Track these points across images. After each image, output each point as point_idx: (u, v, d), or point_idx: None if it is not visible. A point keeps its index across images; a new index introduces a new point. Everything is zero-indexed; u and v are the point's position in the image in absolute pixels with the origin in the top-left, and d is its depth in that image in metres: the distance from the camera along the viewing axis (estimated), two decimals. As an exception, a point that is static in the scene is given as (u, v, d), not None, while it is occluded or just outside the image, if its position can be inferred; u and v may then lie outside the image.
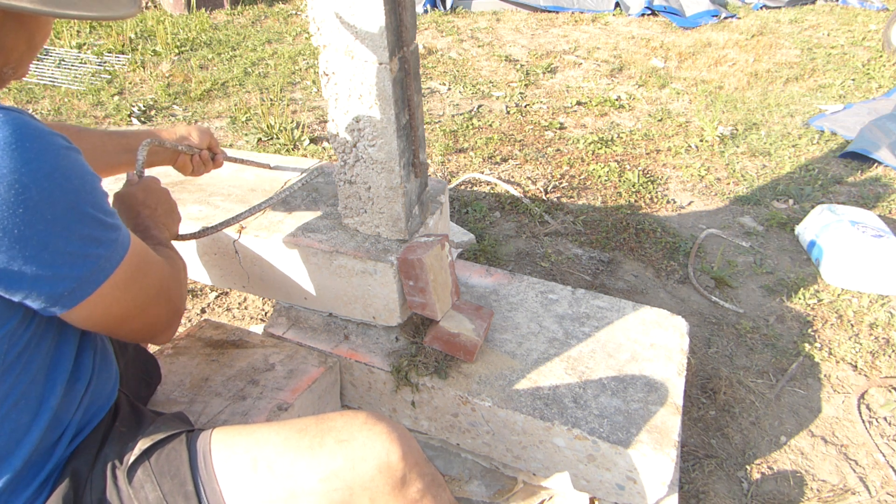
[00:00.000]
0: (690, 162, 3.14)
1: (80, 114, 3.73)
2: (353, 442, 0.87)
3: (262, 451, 0.89)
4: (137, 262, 0.84)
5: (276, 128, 3.39)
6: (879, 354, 1.94)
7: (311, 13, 1.21)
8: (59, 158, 0.71)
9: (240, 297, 2.23)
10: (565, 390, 1.38)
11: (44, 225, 0.69)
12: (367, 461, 0.86)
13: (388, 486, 0.87)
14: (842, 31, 5.28)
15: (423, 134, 1.41)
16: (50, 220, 0.69)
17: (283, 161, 1.85)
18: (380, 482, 0.86)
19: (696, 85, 4.16)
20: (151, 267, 0.88)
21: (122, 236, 0.81)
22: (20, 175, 0.66)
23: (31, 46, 0.78)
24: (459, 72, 4.42)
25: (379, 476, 0.86)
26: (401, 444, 0.89)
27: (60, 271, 0.72)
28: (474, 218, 2.66)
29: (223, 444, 0.91)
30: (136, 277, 0.84)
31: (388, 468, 0.87)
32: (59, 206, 0.70)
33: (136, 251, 0.84)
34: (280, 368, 1.41)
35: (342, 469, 0.86)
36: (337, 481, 0.85)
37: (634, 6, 5.82)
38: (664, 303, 2.19)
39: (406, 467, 0.88)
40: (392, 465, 0.87)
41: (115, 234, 0.79)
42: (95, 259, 0.76)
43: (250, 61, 4.59)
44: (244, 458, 0.89)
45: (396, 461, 0.87)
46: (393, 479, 0.87)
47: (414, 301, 1.44)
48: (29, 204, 0.67)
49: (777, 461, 1.63)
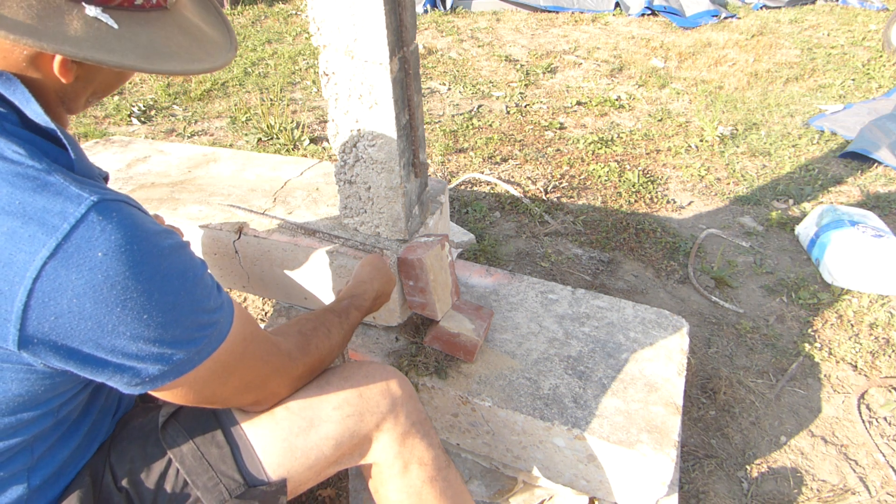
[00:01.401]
0: (690, 162, 3.14)
1: (80, 114, 3.74)
2: (356, 376, 1.01)
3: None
4: (237, 350, 0.83)
5: (276, 128, 3.39)
6: (879, 354, 1.94)
7: (311, 13, 1.21)
8: (163, 261, 0.71)
9: (240, 297, 2.23)
10: (565, 390, 1.38)
11: (137, 324, 0.69)
12: (370, 388, 0.99)
13: (388, 410, 1.00)
14: (842, 31, 5.28)
15: (423, 134, 1.41)
16: (145, 319, 0.70)
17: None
18: (383, 406, 0.99)
19: (696, 85, 4.16)
20: (252, 357, 0.86)
21: (216, 330, 0.79)
22: (124, 279, 0.67)
23: (120, 79, 0.79)
24: (459, 72, 4.42)
25: (382, 400, 0.99)
26: (396, 375, 1.04)
27: (143, 363, 0.72)
28: (474, 218, 2.66)
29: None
30: (231, 366, 0.82)
31: (389, 392, 1.00)
32: (156, 309, 0.70)
33: (236, 341, 0.82)
34: (280, 368, 1.41)
35: (351, 396, 0.98)
36: (349, 407, 0.97)
37: (634, 6, 5.82)
38: (664, 303, 2.19)
39: (403, 394, 1.02)
40: (392, 390, 1.01)
41: (209, 329, 0.77)
42: (183, 354, 0.75)
43: (250, 61, 4.59)
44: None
45: (395, 387, 1.01)
46: (393, 402, 1.00)
47: (414, 301, 1.44)
48: (128, 304, 0.68)
49: (777, 461, 1.63)
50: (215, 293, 0.79)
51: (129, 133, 3.56)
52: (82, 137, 3.40)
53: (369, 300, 1.19)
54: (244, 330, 0.84)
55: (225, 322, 0.80)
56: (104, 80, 0.77)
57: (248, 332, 0.85)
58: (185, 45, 0.72)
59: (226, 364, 0.81)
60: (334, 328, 1.04)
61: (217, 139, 3.48)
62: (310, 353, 0.96)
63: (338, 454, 0.97)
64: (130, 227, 0.68)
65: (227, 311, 0.81)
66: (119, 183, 1.83)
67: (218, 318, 0.79)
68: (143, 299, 0.69)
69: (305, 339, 0.97)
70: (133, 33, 0.68)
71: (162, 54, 0.69)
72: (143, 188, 1.79)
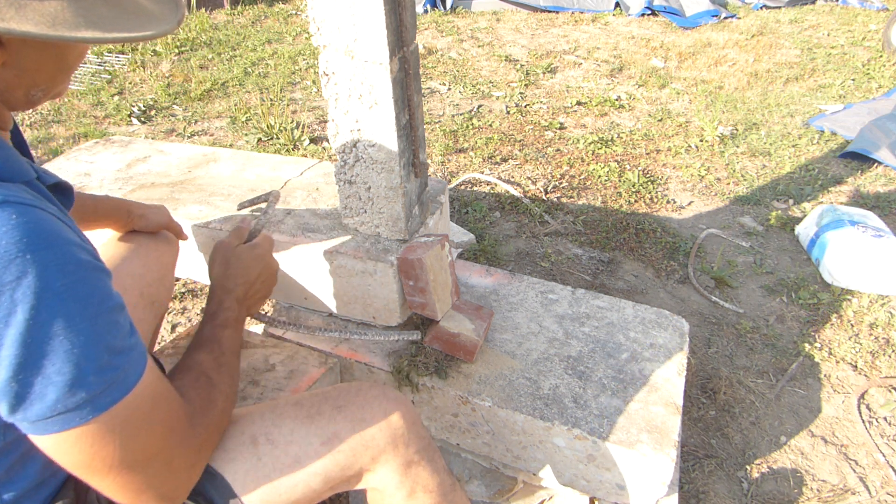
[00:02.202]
0: (690, 162, 3.14)
1: (80, 114, 3.73)
2: (351, 406, 0.90)
3: (259, 427, 0.90)
4: (142, 408, 0.69)
5: (276, 128, 3.39)
6: (879, 354, 1.94)
7: (311, 13, 1.21)
8: (66, 276, 0.62)
9: (240, 297, 2.23)
10: (565, 390, 1.38)
11: (16, 346, 0.59)
12: (366, 421, 0.89)
13: (388, 444, 0.90)
14: (842, 31, 5.28)
15: (423, 134, 1.41)
16: (27, 342, 0.59)
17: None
18: (381, 440, 0.90)
19: (696, 85, 4.16)
20: (159, 423, 0.72)
21: (118, 377, 0.66)
22: (11, 289, 0.58)
23: (62, 67, 0.71)
24: (459, 72, 4.42)
25: (379, 434, 0.90)
26: (398, 405, 0.92)
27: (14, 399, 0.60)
28: (474, 218, 2.66)
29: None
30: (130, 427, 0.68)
31: (388, 426, 0.90)
32: (41, 331, 0.60)
33: (143, 396, 0.69)
34: (280, 369, 1.41)
35: (343, 430, 0.88)
36: (339, 442, 0.88)
37: (634, 6, 5.82)
38: (664, 303, 2.19)
39: (406, 426, 0.92)
40: (392, 423, 0.90)
41: (108, 374, 0.65)
42: (70, 400, 0.62)
43: (250, 61, 4.59)
44: (241, 437, 0.89)
45: (396, 419, 0.91)
46: (393, 437, 0.90)
47: (414, 301, 1.44)
48: (10, 321, 0.59)
49: (777, 461, 1.63)
50: (125, 333, 0.67)
51: (129, 133, 3.56)
52: (82, 137, 3.40)
53: (234, 307, 1.00)
54: (155, 387, 0.71)
55: (132, 370, 0.67)
56: (38, 66, 0.69)
57: (159, 391, 0.72)
58: (106, 16, 0.64)
59: (125, 423, 0.67)
60: (214, 373, 0.87)
61: (217, 139, 3.48)
62: (209, 415, 0.82)
63: (328, 486, 0.90)
64: (31, 232, 0.60)
65: (136, 359, 0.68)
66: (119, 183, 1.83)
67: (122, 363, 0.66)
68: (28, 315, 0.58)
69: (205, 399, 0.82)
70: (41, 4, 0.61)
71: (70, 24, 0.61)
72: (143, 188, 1.79)
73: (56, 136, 3.44)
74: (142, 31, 0.65)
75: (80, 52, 0.74)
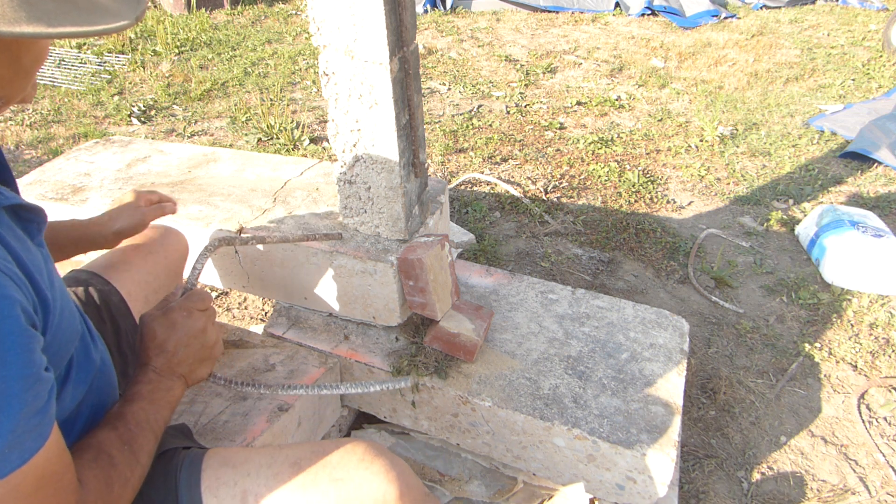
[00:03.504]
0: (690, 162, 3.14)
1: (80, 114, 3.73)
2: (349, 481, 0.85)
3: (252, 484, 0.87)
4: (26, 486, 0.63)
5: (276, 128, 3.39)
6: (879, 354, 1.94)
7: (311, 13, 1.21)
8: None
9: (240, 297, 2.23)
10: (565, 390, 1.38)
11: None
12: (362, 501, 0.84)
13: None
14: (842, 31, 5.28)
15: (423, 134, 1.41)
16: None
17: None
18: None
19: (696, 85, 4.16)
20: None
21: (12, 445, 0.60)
22: None
23: (17, 70, 0.66)
24: (459, 72, 4.42)
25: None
26: (399, 484, 0.86)
27: None
28: (474, 218, 2.66)
29: (213, 472, 0.89)
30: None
31: (383, 500, 0.85)
32: None
33: (33, 474, 0.63)
34: (280, 369, 1.41)
35: (331, 497, 0.84)
36: None
37: (634, 6, 5.82)
38: (664, 303, 2.19)
39: (397, 495, 0.86)
40: (386, 497, 0.85)
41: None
42: None
43: (250, 61, 4.59)
44: (233, 490, 0.87)
45: (393, 502, 0.85)
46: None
47: (414, 301, 1.44)
48: None
49: (777, 461, 1.63)
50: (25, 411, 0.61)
51: (129, 133, 3.56)
52: (82, 137, 3.40)
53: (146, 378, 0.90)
54: (46, 467, 0.65)
55: (12, 455, 0.61)
56: None
57: (49, 472, 0.66)
58: (52, 10, 0.59)
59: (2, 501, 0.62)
60: (116, 451, 0.80)
61: (217, 139, 3.48)
62: (106, 498, 0.75)
63: None
64: None
65: (25, 443, 0.62)
66: (119, 183, 1.83)
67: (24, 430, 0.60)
68: None
69: (104, 481, 0.76)
70: None
71: (8, 18, 0.56)
72: (143, 188, 1.79)
73: (56, 136, 3.44)
74: (91, 25, 0.59)
75: (37, 54, 0.68)
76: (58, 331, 0.73)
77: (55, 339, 0.71)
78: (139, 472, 0.81)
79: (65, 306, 0.77)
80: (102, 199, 1.75)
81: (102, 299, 1.19)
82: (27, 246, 0.73)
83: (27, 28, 0.55)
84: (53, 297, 0.72)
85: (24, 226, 0.75)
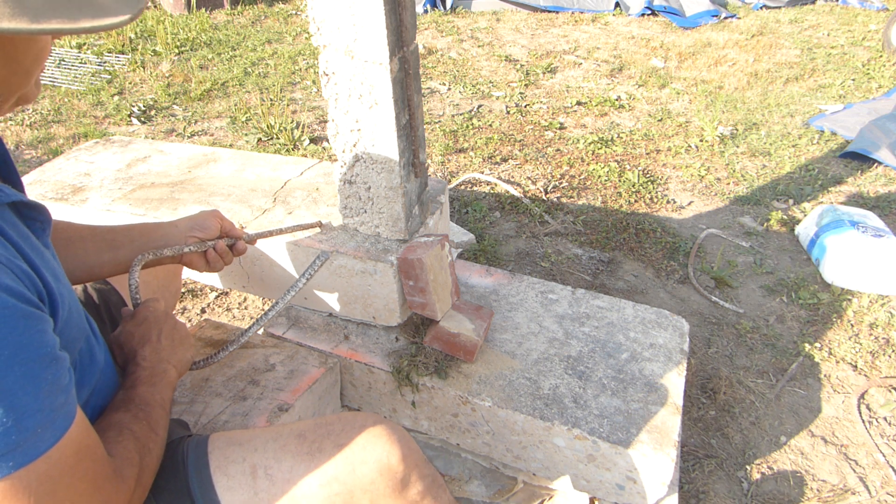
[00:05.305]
0: (690, 162, 3.14)
1: (80, 114, 3.73)
2: (353, 445, 0.87)
3: (260, 458, 0.88)
4: (65, 464, 0.65)
5: (276, 128, 3.39)
6: (879, 354, 1.94)
7: (311, 13, 1.21)
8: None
9: (240, 297, 2.23)
10: (565, 390, 1.38)
11: None
12: (366, 464, 0.86)
13: (388, 488, 0.87)
14: (842, 31, 5.28)
15: (423, 134, 1.41)
16: None
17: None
18: (380, 484, 0.86)
19: (696, 85, 4.16)
20: (82, 479, 0.68)
21: (45, 427, 0.62)
22: None
23: (15, 70, 0.64)
24: (459, 72, 4.42)
25: (379, 478, 0.86)
26: (401, 446, 0.88)
27: None
28: (474, 218, 2.66)
29: (220, 451, 0.90)
30: (51, 484, 0.64)
31: (389, 470, 0.86)
32: None
33: (67, 452, 0.65)
34: (280, 369, 1.41)
35: (342, 473, 0.85)
36: (337, 485, 0.85)
37: (634, 6, 5.82)
38: (664, 303, 2.19)
39: (406, 469, 0.88)
40: (392, 466, 0.87)
41: (29, 421, 0.61)
42: None
43: (250, 61, 4.59)
44: (242, 465, 0.88)
45: (396, 463, 0.87)
46: (393, 481, 0.87)
47: (414, 301, 1.44)
48: None
49: (777, 461, 1.63)
50: (50, 390, 0.63)
51: (129, 133, 3.56)
52: (82, 137, 3.40)
53: (140, 366, 0.95)
54: (80, 443, 0.68)
55: (47, 433, 0.63)
56: None
57: (84, 448, 0.68)
58: (39, 6, 0.56)
59: (45, 479, 0.63)
60: (135, 426, 0.84)
61: (217, 139, 3.48)
62: (136, 467, 0.79)
63: None
64: None
65: (57, 419, 0.65)
66: (119, 183, 1.83)
67: (34, 425, 0.62)
68: None
69: (131, 451, 0.79)
70: None
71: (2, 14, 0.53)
72: (143, 188, 1.79)
73: (56, 136, 3.44)
74: (79, 22, 0.56)
75: (38, 53, 0.66)
76: (66, 327, 0.74)
77: (63, 335, 0.72)
78: (159, 443, 0.85)
79: (72, 304, 0.77)
80: (102, 199, 1.75)
81: (102, 299, 1.19)
82: (32, 242, 0.73)
83: (9, 24, 0.53)
84: (61, 292, 0.73)
85: (28, 223, 0.76)
